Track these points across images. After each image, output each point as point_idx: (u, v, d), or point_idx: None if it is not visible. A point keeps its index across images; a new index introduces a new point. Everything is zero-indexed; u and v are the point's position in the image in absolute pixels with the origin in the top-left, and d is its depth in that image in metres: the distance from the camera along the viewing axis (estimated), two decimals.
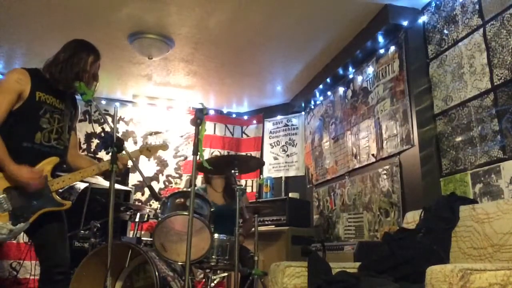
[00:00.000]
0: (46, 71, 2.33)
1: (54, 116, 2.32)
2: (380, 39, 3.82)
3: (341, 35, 4.07)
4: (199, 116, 2.25)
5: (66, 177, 2.34)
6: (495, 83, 2.79)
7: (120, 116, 5.69)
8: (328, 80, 4.72)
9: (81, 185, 3.93)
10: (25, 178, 2.12)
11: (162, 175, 5.70)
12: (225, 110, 6.18)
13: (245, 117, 6.21)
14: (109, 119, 5.47)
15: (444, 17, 3.32)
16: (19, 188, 2.14)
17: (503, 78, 2.73)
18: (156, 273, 2.73)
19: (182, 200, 2.92)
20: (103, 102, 5.62)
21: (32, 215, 2.17)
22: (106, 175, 2.49)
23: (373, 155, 3.91)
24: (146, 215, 3.69)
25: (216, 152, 5.90)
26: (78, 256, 3.00)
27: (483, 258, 2.03)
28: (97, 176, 4.22)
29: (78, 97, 2.52)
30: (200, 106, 2.28)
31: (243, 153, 5.97)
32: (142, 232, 4.31)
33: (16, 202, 2.13)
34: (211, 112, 6.03)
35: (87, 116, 5.51)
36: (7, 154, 2.11)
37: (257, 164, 3.10)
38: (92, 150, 5.45)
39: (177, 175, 5.76)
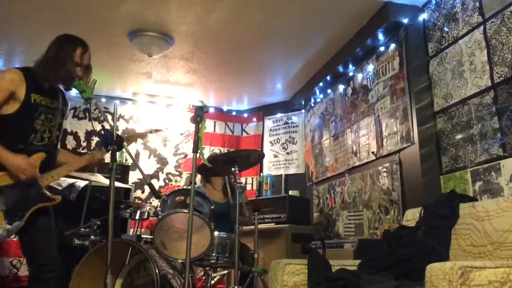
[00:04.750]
0: (38, 72, 2.30)
1: (47, 116, 2.33)
2: (380, 36, 3.82)
3: (341, 33, 4.06)
4: (199, 114, 2.25)
5: (54, 172, 2.33)
6: (495, 81, 2.78)
7: (120, 114, 5.69)
8: (328, 77, 4.71)
9: (81, 183, 3.93)
10: (20, 164, 2.13)
11: (162, 173, 5.71)
12: (225, 108, 6.18)
13: (245, 115, 6.20)
14: (109, 117, 5.47)
15: (445, 15, 3.31)
16: (12, 186, 2.14)
17: (503, 76, 2.72)
18: (156, 270, 2.73)
19: (182, 198, 2.93)
20: (103, 100, 5.62)
21: (27, 213, 2.17)
22: (87, 169, 2.50)
23: (373, 153, 3.91)
24: (146, 213, 3.68)
25: (216, 150, 5.89)
26: (78, 254, 3.01)
27: (482, 255, 2.03)
28: (97, 174, 4.23)
29: (68, 93, 2.52)
30: (200, 104, 2.28)
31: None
32: (142, 230, 4.31)
33: (10, 201, 2.13)
34: (211, 110, 6.02)
35: (86, 114, 5.51)
36: (1, 145, 2.13)
37: (257, 157, 3.08)
38: (92, 148, 5.45)
39: (177, 173, 5.76)
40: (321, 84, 4.89)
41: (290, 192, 4.99)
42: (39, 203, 2.22)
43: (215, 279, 3.04)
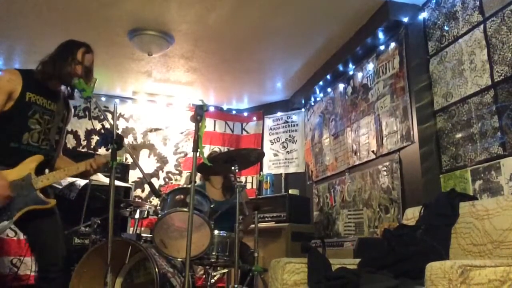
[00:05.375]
0: (40, 71, 2.32)
1: (44, 117, 2.32)
2: (381, 35, 3.81)
3: (341, 32, 4.06)
4: (199, 113, 2.25)
5: (51, 175, 2.33)
6: (496, 80, 2.78)
7: (120, 113, 5.69)
8: (328, 76, 4.71)
9: (81, 182, 3.93)
10: None
11: (162, 171, 5.71)
12: (225, 107, 6.18)
13: (245, 114, 6.20)
14: (109, 116, 5.47)
15: (445, 14, 3.31)
16: None
17: (503, 74, 2.72)
18: (156, 269, 2.73)
19: (182, 196, 2.92)
20: (103, 98, 5.61)
21: (16, 213, 2.16)
22: (85, 175, 2.49)
23: (373, 151, 3.91)
24: (146, 211, 3.68)
25: (216, 149, 5.89)
26: (78, 253, 3.01)
27: (482, 254, 2.03)
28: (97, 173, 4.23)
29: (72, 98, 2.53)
30: (200, 103, 2.28)
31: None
32: (142, 229, 4.31)
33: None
34: (211, 109, 6.02)
35: (86, 113, 5.51)
36: None
37: (257, 157, 3.07)
38: (92, 146, 5.45)
39: (177, 172, 5.76)
40: (321, 83, 4.89)
41: (290, 191, 4.99)
42: (30, 205, 2.21)
43: (215, 278, 3.04)
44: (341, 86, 4.65)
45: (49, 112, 2.35)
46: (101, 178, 4.16)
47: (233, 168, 2.85)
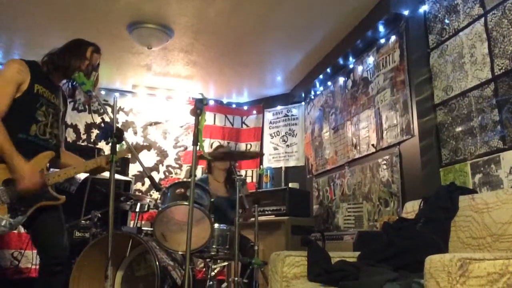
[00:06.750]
0: (46, 61, 2.34)
1: (49, 110, 2.33)
2: (381, 28, 3.80)
3: (342, 25, 4.05)
4: (199, 106, 2.25)
5: (62, 172, 2.34)
6: (496, 73, 2.77)
7: (120, 107, 5.68)
8: (328, 70, 4.70)
9: (81, 175, 3.94)
10: (26, 173, 2.11)
11: (162, 165, 5.71)
12: (225, 100, 6.17)
13: (245, 107, 6.19)
14: (109, 110, 5.47)
15: (445, 7, 3.30)
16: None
17: (504, 68, 2.72)
18: (157, 262, 2.75)
19: (182, 190, 2.93)
20: (103, 92, 5.60)
21: (30, 209, 2.17)
22: (93, 172, 2.51)
23: (373, 145, 3.91)
24: (147, 205, 3.69)
25: (216, 143, 5.89)
26: (79, 246, 3.02)
27: (482, 247, 2.04)
28: None
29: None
30: (199, 96, 2.28)
31: (243, 144, 6.01)
32: (143, 222, 4.32)
33: (15, 195, 2.13)
34: (211, 102, 6.01)
35: (86, 107, 5.50)
36: (13, 146, 2.12)
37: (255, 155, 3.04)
38: (92, 140, 5.45)
39: (177, 166, 5.76)
40: (321, 76, 4.88)
41: (290, 185, 5.00)
42: (43, 201, 2.23)
43: (216, 271, 3.05)
44: (341, 80, 4.64)
45: (52, 105, 2.36)
46: None
47: (233, 162, 2.85)
